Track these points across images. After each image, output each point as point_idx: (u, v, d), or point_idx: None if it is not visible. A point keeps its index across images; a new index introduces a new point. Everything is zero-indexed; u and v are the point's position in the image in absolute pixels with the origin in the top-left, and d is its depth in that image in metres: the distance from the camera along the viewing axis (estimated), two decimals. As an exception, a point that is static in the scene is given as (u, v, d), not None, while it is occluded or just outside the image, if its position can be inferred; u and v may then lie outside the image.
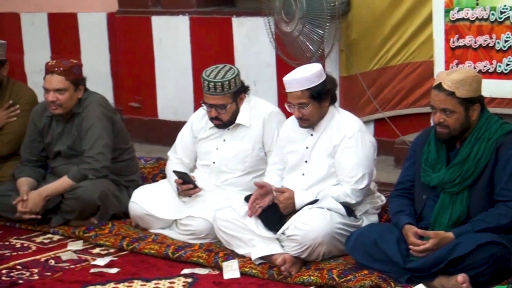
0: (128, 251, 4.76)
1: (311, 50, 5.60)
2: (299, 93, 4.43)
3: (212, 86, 4.78)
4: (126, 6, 7.15)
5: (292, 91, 4.45)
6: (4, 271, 4.52)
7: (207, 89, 4.80)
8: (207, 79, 4.80)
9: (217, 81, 4.78)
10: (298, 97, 4.44)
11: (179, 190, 4.91)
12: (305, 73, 4.43)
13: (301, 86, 4.42)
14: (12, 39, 7.46)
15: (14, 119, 5.64)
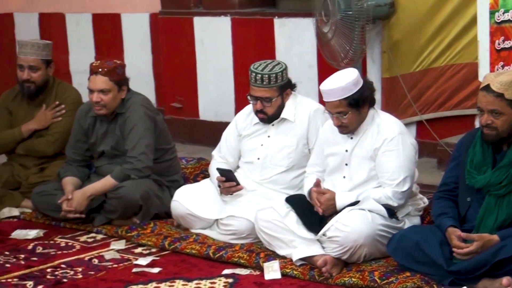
0: (170, 251, 4.78)
1: (341, 54, 5.59)
2: (336, 103, 4.41)
3: (259, 78, 4.81)
4: (169, 7, 7.20)
5: (329, 101, 4.43)
6: (49, 270, 4.57)
7: (254, 81, 4.82)
8: (254, 71, 4.83)
9: (264, 73, 4.81)
10: (336, 106, 4.42)
11: (221, 188, 4.93)
12: (341, 82, 4.40)
13: (338, 96, 4.40)
14: (58, 39, 7.55)
15: (59, 119, 5.71)
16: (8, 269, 4.57)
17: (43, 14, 8.27)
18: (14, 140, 5.71)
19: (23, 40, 5.78)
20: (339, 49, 5.63)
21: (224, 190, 4.92)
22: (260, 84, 4.82)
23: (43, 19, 8.28)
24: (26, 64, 5.65)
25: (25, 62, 5.66)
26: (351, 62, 5.55)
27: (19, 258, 4.74)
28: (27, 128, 5.72)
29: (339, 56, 5.63)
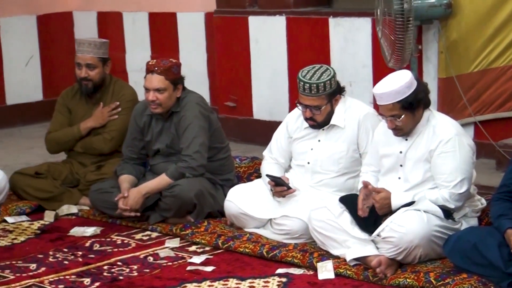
0: (223, 249, 4.80)
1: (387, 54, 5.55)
2: (390, 106, 4.37)
3: (308, 87, 4.79)
4: (224, 6, 7.22)
5: (383, 104, 4.40)
6: (106, 267, 4.61)
7: (303, 89, 4.81)
8: (303, 80, 4.80)
9: (312, 82, 4.78)
10: (389, 109, 4.38)
11: (273, 191, 4.93)
12: (394, 85, 4.36)
13: (392, 99, 4.35)
14: (115, 38, 7.64)
15: (116, 117, 5.76)
16: (66, 266, 4.63)
17: (101, 12, 8.36)
18: (73, 138, 5.79)
19: (81, 38, 5.86)
20: (386, 49, 5.60)
21: (276, 194, 4.93)
22: (309, 93, 4.79)
23: (101, 18, 8.38)
24: (83, 62, 5.72)
25: (82, 60, 5.73)
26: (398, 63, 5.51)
27: (77, 255, 4.80)
28: (85, 126, 5.79)
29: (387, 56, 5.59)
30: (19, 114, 8.27)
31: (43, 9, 8.42)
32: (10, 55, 8.24)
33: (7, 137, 7.88)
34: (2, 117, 8.15)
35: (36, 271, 4.56)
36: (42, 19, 8.43)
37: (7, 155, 7.07)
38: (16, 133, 8.08)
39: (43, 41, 8.45)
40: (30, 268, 4.60)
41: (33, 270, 4.58)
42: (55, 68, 8.52)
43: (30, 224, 5.36)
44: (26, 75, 8.36)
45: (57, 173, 5.74)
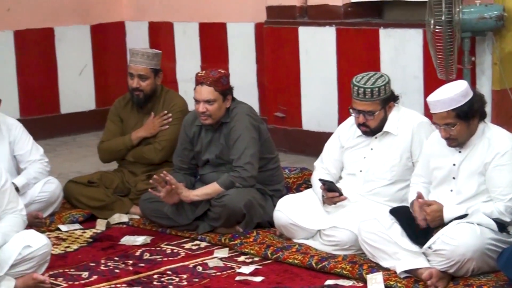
0: (272, 260, 4.80)
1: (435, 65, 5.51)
2: (444, 114, 4.34)
3: (362, 92, 4.78)
4: (274, 16, 7.24)
5: (437, 112, 4.36)
6: (156, 276, 4.65)
7: (356, 94, 4.80)
8: (357, 85, 4.80)
9: (367, 87, 4.78)
10: (443, 117, 4.35)
11: (324, 198, 4.93)
12: (450, 93, 4.33)
13: (446, 107, 4.32)
14: (166, 48, 7.72)
15: (166, 127, 5.82)
16: (117, 275, 4.68)
17: (153, 23, 8.46)
18: (124, 147, 5.86)
19: (134, 48, 5.91)
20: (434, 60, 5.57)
21: (328, 200, 4.91)
22: (363, 98, 4.79)
23: (152, 28, 8.48)
24: (136, 73, 5.78)
25: (135, 70, 5.79)
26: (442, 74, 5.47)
27: (127, 264, 4.85)
28: (136, 136, 5.85)
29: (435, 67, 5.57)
30: (72, 123, 8.39)
31: (96, 19, 8.55)
32: (64, 64, 8.37)
33: (61, 146, 7.99)
34: (56, 126, 8.28)
35: (88, 279, 4.62)
36: (96, 29, 8.56)
37: (61, 164, 7.17)
38: (70, 141, 8.20)
39: (96, 51, 8.58)
40: (82, 276, 4.66)
41: (85, 278, 4.64)
42: (107, 77, 8.63)
43: (82, 233, 5.44)
44: (79, 84, 8.49)
45: (109, 182, 5.81)
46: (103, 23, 8.60)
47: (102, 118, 6.47)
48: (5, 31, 8.00)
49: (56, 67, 8.34)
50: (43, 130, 7.82)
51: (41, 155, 5.65)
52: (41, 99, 8.26)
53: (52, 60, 8.31)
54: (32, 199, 5.47)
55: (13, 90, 8.05)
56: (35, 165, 5.58)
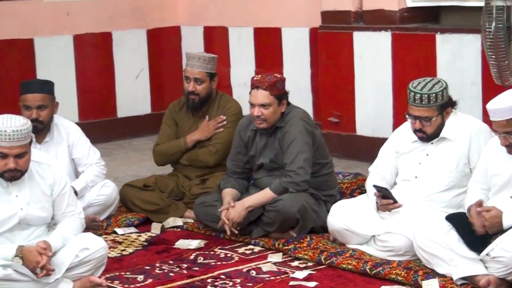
0: (326, 265, 4.78)
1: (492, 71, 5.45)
2: (503, 122, 4.28)
3: (418, 98, 4.74)
4: (329, 21, 7.23)
5: (496, 120, 4.31)
6: (210, 280, 4.67)
7: (413, 100, 4.76)
8: (413, 91, 4.76)
9: (423, 93, 4.73)
10: (503, 126, 4.29)
11: (378, 205, 4.91)
12: (509, 101, 4.27)
13: (506, 115, 4.26)
14: (220, 52, 7.76)
15: (221, 130, 5.86)
16: (172, 278, 4.71)
17: (208, 27, 8.52)
18: (179, 150, 5.90)
19: (191, 52, 5.95)
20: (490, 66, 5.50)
21: (382, 207, 4.89)
22: (419, 104, 4.75)
23: (207, 32, 8.53)
24: (192, 76, 5.82)
25: (191, 74, 5.83)
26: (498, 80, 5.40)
27: (182, 267, 4.87)
28: (191, 139, 5.90)
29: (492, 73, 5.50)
30: (129, 126, 8.49)
31: (153, 24, 8.64)
32: (121, 68, 8.48)
33: (118, 150, 8.09)
34: (113, 129, 8.38)
35: (143, 282, 4.66)
36: (152, 33, 8.64)
37: (117, 167, 7.26)
38: (126, 145, 8.29)
39: (152, 55, 8.67)
40: (137, 280, 4.70)
41: (140, 281, 4.68)
42: (163, 81, 8.71)
43: (138, 236, 5.49)
44: (135, 88, 8.58)
45: (164, 185, 5.86)
46: (159, 28, 8.68)
47: (157, 122, 6.53)
48: (65, 35, 8.13)
49: (114, 71, 8.45)
50: (100, 133, 7.93)
51: (98, 159, 5.72)
52: (99, 103, 8.37)
53: (110, 64, 8.42)
54: (89, 202, 5.55)
55: (72, 93, 8.18)
56: (92, 168, 5.66)
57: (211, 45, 8.40)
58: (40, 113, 5.41)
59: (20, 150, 4.24)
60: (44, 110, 5.43)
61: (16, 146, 4.22)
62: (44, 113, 5.44)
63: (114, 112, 8.47)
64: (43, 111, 5.43)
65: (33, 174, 4.42)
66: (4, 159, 4.24)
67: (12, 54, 7.84)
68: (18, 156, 4.25)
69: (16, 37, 7.85)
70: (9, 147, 4.21)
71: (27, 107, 5.41)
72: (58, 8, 8.05)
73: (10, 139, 4.20)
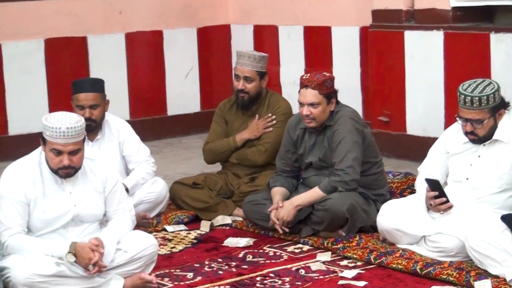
0: (376, 265, 4.77)
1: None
2: None
3: (469, 101, 4.67)
4: (380, 20, 7.20)
5: None
6: (259, 278, 4.67)
7: (463, 103, 4.70)
8: (463, 93, 4.69)
9: (474, 95, 4.66)
10: None
11: (432, 206, 4.83)
12: None
13: None
14: (270, 51, 7.76)
15: (270, 129, 5.86)
16: (221, 276, 4.73)
17: (258, 26, 8.53)
18: (229, 149, 5.93)
19: (241, 51, 5.95)
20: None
21: (434, 208, 4.83)
22: (470, 107, 4.67)
23: (257, 31, 8.54)
24: (242, 75, 5.83)
25: (241, 72, 5.84)
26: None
27: (230, 265, 4.89)
28: (241, 138, 5.91)
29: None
30: (178, 124, 8.53)
31: (203, 22, 8.67)
32: (171, 66, 8.52)
33: (167, 147, 8.13)
34: (163, 127, 8.43)
35: (192, 280, 4.68)
36: (202, 32, 8.68)
37: (167, 165, 7.30)
38: (176, 143, 8.33)
39: (202, 53, 8.70)
40: (187, 277, 4.72)
41: (189, 279, 4.70)
42: (212, 80, 8.75)
43: (187, 234, 5.51)
44: (185, 87, 8.62)
45: (213, 183, 5.89)
46: (209, 26, 8.71)
47: (206, 120, 6.56)
48: (117, 33, 8.20)
49: (164, 69, 8.50)
50: (150, 131, 7.99)
51: (148, 156, 5.76)
52: (149, 101, 8.43)
53: (160, 62, 8.47)
54: (140, 200, 5.59)
55: (124, 91, 8.25)
56: (142, 166, 5.70)
57: (260, 44, 8.40)
58: (92, 112, 5.47)
59: (74, 147, 4.29)
60: (96, 109, 5.49)
61: (70, 143, 4.27)
62: (97, 111, 5.49)
63: (164, 110, 8.53)
64: (96, 110, 5.49)
65: (86, 171, 4.47)
66: (58, 156, 4.29)
67: (66, 51, 7.93)
68: (72, 153, 4.30)
69: (70, 35, 7.95)
70: (64, 144, 4.27)
71: (80, 107, 5.47)
72: (111, 6, 8.13)
73: (65, 136, 4.25)
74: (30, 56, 7.75)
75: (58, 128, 4.24)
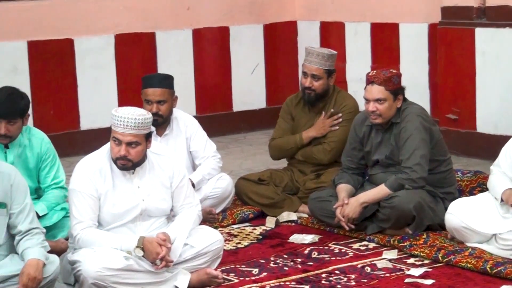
0: (443, 263, 4.71)
1: None
2: None
3: None
4: (450, 17, 7.11)
5: None
6: (324, 275, 4.66)
7: None
8: None
9: None
10: None
11: None
12: None
13: None
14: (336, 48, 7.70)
15: (336, 128, 5.83)
16: (286, 272, 4.72)
17: (324, 22, 8.50)
18: (295, 146, 5.91)
19: (310, 48, 5.91)
20: None
21: None
22: None
23: (324, 27, 8.51)
24: (309, 72, 5.81)
25: (309, 70, 5.82)
26: None
27: (296, 261, 4.88)
28: (307, 135, 5.89)
29: None
30: (244, 120, 8.55)
31: (270, 18, 8.68)
32: (237, 62, 8.55)
33: (233, 143, 8.16)
34: (229, 123, 8.47)
35: (258, 275, 4.69)
36: (268, 28, 8.68)
37: (232, 161, 7.32)
38: (241, 139, 8.35)
39: (268, 50, 8.70)
40: (252, 273, 4.73)
41: (255, 274, 4.70)
42: (278, 76, 8.74)
43: (253, 229, 5.52)
44: (251, 83, 8.64)
45: (279, 180, 5.88)
46: (276, 23, 8.71)
47: (272, 117, 6.56)
48: (185, 30, 8.25)
49: (230, 65, 8.53)
50: (216, 127, 8.02)
51: (214, 152, 5.79)
52: (215, 97, 8.47)
53: (227, 58, 8.50)
54: (206, 195, 5.62)
55: (191, 87, 8.30)
56: (209, 161, 5.73)
57: (327, 40, 8.37)
58: (160, 107, 5.52)
59: (132, 138, 4.33)
60: (163, 104, 5.53)
61: (128, 133, 4.31)
62: (164, 107, 5.54)
63: (230, 106, 8.56)
64: (163, 105, 5.53)
65: (153, 166, 4.51)
66: (118, 146, 4.35)
67: (135, 47, 8.02)
68: (130, 145, 4.34)
69: (139, 31, 8.03)
70: (122, 133, 4.32)
71: (148, 101, 5.53)
72: (179, 3, 8.19)
73: (123, 125, 4.30)
74: (101, 52, 7.85)
75: (119, 117, 4.31)
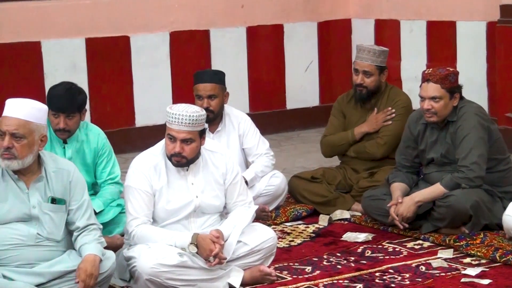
0: (501, 263, 4.64)
1: None
2: None
3: None
4: (509, 15, 7.00)
5: None
6: (378, 274, 4.62)
7: None
8: None
9: None
10: None
11: None
12: None
13: None
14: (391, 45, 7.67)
15: (389, 122, 5.79)
16: (339, 270, 4.70)
17: (379, 20, 8.44)
18: (347, 142, 5.89)
19: (361, 45, 5.91)
20: None
21: None
22: None
23: (378, 25, 8.46)
24: (361, 69, 5.79)
25: (360, 67, 5.80)
26: None
27: (349, 260, 4.85)
28: (359, 131, 5.87)
29: None
30: (297, 118, 8.55)
31: (324, 16, 8.66)
32: (291, 60, 8.54)
33: (286, 141, 8.16)
34: (282, 121, 8.47)
35: (311, 273, 4.66)
36: (323, 26, 8.66)
37: (285, 158, 7.32)
38: (295, 137, 8.35)
39: (322, 47, 8.68)
40: (305, 271, 4.71)
41: (308, 272, 4.68)
42: (332, 74, 8.72)
43: (306, 227, 5.50)
44: (305, 80, 8.63)
45: (331, 178, 5.86)
46: (330, 20, 8.69)
47: (325, 114, 6.53)
48: (239, 27, 8.27)
49: (284, 63, 8.52)
50: (270, 125, 8.03)
51: (267, 149, 5.79)
52: (269, 94, 8.47)
53: (280, 56, 8.50)
54: (259, 192, 5.62)
55: (244, 84, 8.32)
56: (262, 158, 5.73)
57: (381, 38, 8.32)
58: (210, 103, 5.53)
59: (187, 135, 4.34)
60: (214, 99, 5.55)
61: (183, 130, 4.33)
62: (214, 102, 5.55)
63: (283, 103, 8.55)
64: (213, 101, 5.54)
65: (207, 163, 4.52)
66: (173, 143, 4.37)
67: (190, 44, 8.06)
68: (184, 141, 4.35)
69: (193, 28, 8.06)
70: (177, 131, 4.34)
71: (199, 97, 5.55)
72: (233, 1, 8.21)
73: (179, 122, 4.31)
74: (156, 49, 7.91)
75: (174, 114, 4.32)
